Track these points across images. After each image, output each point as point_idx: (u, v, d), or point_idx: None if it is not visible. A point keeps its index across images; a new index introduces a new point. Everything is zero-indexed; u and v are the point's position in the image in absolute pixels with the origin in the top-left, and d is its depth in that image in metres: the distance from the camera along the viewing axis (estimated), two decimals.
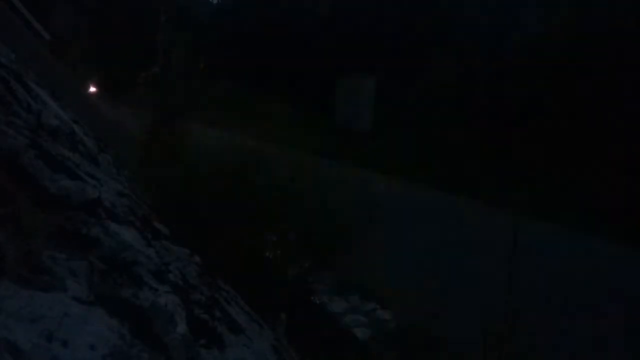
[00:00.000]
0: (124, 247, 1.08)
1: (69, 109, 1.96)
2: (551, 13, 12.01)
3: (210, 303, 1.20)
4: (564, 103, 11.25)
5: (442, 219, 7.03)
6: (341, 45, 17.06)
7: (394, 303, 4.23)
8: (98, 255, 0.98)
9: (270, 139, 3.65)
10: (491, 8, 13.56)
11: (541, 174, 9.64)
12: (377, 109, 15.47)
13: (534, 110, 11.70)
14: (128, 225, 1.21)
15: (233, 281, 1.61)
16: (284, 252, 3.22)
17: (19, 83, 1.49)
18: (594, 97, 10.75)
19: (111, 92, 14.21)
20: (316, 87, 17.35)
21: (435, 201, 8.02)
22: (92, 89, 13.43)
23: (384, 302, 4.27)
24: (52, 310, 0.75)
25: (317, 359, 2.66)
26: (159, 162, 3.91)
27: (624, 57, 10.52)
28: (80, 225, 1.02)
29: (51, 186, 1.07)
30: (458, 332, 3.45)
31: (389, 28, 15.61)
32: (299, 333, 2.57)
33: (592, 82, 10.84)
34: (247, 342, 1.17)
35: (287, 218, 3.24)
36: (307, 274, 3.26)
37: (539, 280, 4.42)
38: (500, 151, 10.96)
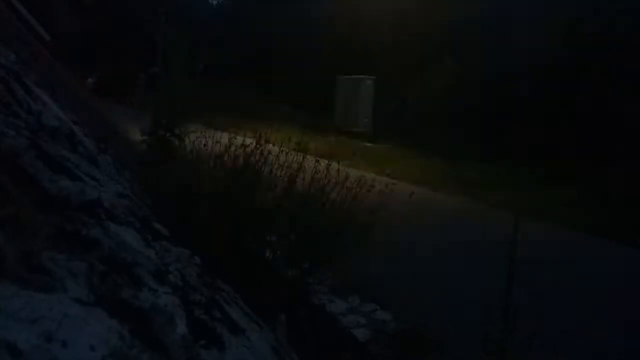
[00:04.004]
0: (123, 248, 1.08)
1: (69, 109, 1.96)
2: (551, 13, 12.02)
3: (210, 304, 1.20)
4: (566, 103, 11.25)
5: (447, 221, 7.04)
6: (341, 45, 17.07)
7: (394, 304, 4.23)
8: (98, 256, 0.98)
9: (271, 140, 3.65)
10: (491, 9, 13.57)
11: (541, 175, 9.65)
12: (377, 110, 15.47)
13: (535, 110, 11.71)
14: (128, 226, 1.21)
15: (233, 282, 1.61)
16: (284, 252, 3.22)
17: (19, 84, 1.49)
18: (594, 97, 10.76)
19: (111, 93, 14.22)
20: (316, 87, 17.34)
21: (437, 203, 8.03)
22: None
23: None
24: (51, 311, 0.75)
25: (317, 359, 2.66)
26: (159, 162, 3.91)
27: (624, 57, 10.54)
28: (80, 226, 1.02)
29: (51, 187, 1.07)
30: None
31: (390, 28, 15.60)
32: (298, 334, 2.57)
33: (592, 83, 10.86)
34: (247, 342, 1.17)
35: (287, 218, 3.24)
36: (306, 274, 3.26)
37: None
38: (501, 151, 10.97)
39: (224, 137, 3.82)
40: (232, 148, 3.52)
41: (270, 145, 3.62)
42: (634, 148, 9.44)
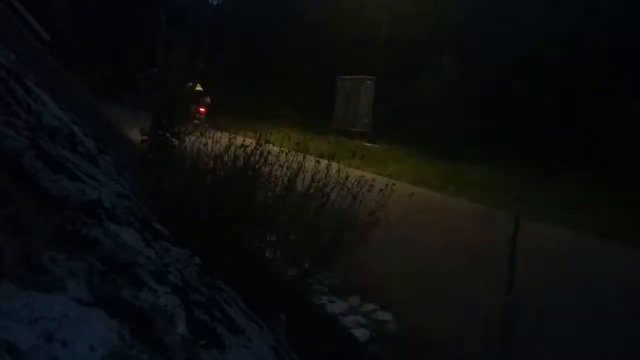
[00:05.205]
0: (123, 248, 1.08)
1: (69, 109, 1.96)
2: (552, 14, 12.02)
3: (210, 304, 1.19)
4: (564, 103, 11.26)
5: (447, 221, 7.04)
6: (341, 45, 17.06)
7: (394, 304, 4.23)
8: (98, 256, 0.98)
9: (270, 140, 3.66)
10: (491, 8, 13.57)
11: (541, 175, 9.65)
12: (377, 110, 15.46)
13: (535, 110, 11.71)
14: (128, 226, 1.20)
15: (233, 282, 1.61)
16: (284, 252, 3.22)
17: (19, 84, 1.49)
18: (594, 97, 10.77)
19: (111, 93, 14.21)
20: (315, 87, 17.34)
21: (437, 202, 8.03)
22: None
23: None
24: (51, 311, 0.75)
25: (316, 359, 2.66)
26: (158, 162, 3.91)
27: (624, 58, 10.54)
28: (80, 226, 1.02)
29: (51, 187, 1.07)
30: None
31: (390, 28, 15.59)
32: (298, 334, 2.57)
33: (592, 83, 10.86)
34: (247, 343, 1.17)
35: (287, 218, 3.24)
36: (306, 275, 3.26)
37: None
38: (501, 152, 10.97)
39: (224, 137, 3.82)
40: (232, 148, 3.52)
41: (270, 145, 3.62)
42: (634, 148, 9.44)
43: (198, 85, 14.57)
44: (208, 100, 13.40)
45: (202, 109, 13.16)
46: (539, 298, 4.01)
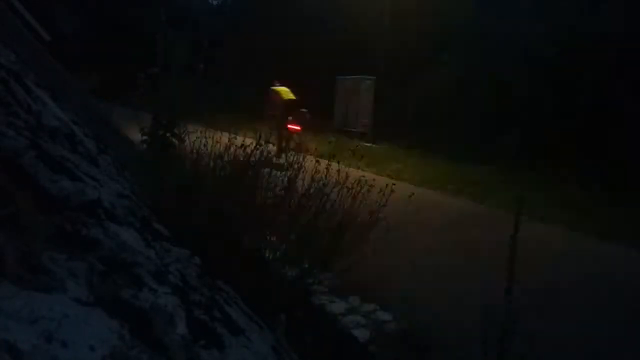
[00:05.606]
0: (123, 248, 1.08)
1: (69, 109, 1.96)
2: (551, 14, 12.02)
3: (210, 304, 1.19)
4: (565, 104, 11.25)
5: (446, 221, 7.04)
6: (341, 45, 17.06)
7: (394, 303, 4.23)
8: (98, 256, 0.98)
9: (271, 140, 3.66)
10: (492, 8, 13.57)
11: (541, 175, 9.65)
12: (377, 110, 15.45)
13: (535, 110, 11.71)
14: (128, 226, 1.20)
15: (233, 282, 1.61)
16: (284, 252, 3.22)
17: (19, 84, 1.49)
18: (594, 98, 10.76)
19: (111, 93, 14.18)
20: (315, 87, 17.33)
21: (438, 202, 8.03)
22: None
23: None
24: (51, 312, 0.75)
25: (316, 359, 2.66)
26: (158, 163, 3.92)
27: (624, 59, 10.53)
28: (80, 226, 1.02)
29: (51, 187, 1.07)
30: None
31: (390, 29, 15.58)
32: (298, 334, 2.57)
33: (592, 83, 10.85)
34: (247, 343, 1.17)
35: (287, 218, 3.24)
36: (306, 275, 3.26)
37: None
38: (501, 152, 10.97)
39: (224, 137, 3.82)
40: (232, 148, 3.53)
41: (270, 145, 3.62)
42: (634, 148, 9.43)
43: (289, 91, 10.44)
44: (307, 114, 9.83)
45: (296, 127, 9.64)
46: (539, 298, 4.01)
